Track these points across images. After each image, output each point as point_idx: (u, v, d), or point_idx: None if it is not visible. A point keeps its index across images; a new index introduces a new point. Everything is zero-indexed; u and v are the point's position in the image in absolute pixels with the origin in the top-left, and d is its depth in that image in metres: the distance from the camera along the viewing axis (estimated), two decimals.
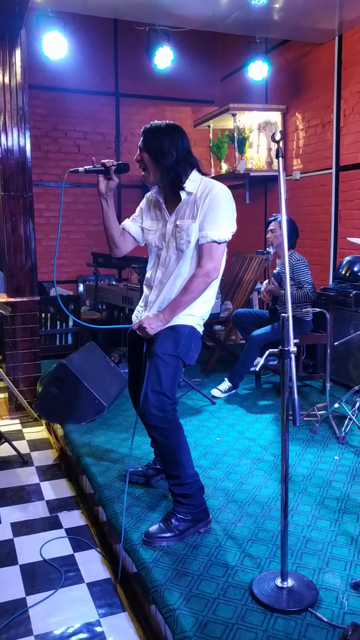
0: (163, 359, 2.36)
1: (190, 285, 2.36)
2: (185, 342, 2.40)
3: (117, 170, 2.41)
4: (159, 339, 2.40)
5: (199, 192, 2.36)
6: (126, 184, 7.05)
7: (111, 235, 2.53)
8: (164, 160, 2.33)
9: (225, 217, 2.35)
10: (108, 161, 2.39)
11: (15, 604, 2.25)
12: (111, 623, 2.14)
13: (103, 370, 4.08)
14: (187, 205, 2.38)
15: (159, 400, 2.34)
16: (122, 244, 2.57)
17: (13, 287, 4.33)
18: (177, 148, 2.34)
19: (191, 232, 2.35)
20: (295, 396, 1.89)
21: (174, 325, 2.40)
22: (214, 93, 7.91)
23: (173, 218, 2.42)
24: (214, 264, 2.35)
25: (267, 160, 6.63)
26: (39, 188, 6.98)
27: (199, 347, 2.49)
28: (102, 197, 2.44)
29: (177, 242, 2.39)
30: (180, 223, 2.38)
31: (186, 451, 2.44)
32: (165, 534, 2.34)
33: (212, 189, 2.34)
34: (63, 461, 3.56)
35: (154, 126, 2.37)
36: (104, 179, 2.41)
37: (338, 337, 4.18)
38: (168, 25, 5.58)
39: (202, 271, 2.35)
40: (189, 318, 2.42)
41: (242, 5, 4.74)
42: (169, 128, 2.36)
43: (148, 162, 2.36)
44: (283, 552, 2.02)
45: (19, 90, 4.18)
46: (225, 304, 5.24)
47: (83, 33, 6.55)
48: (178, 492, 2.42)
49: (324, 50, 5.69)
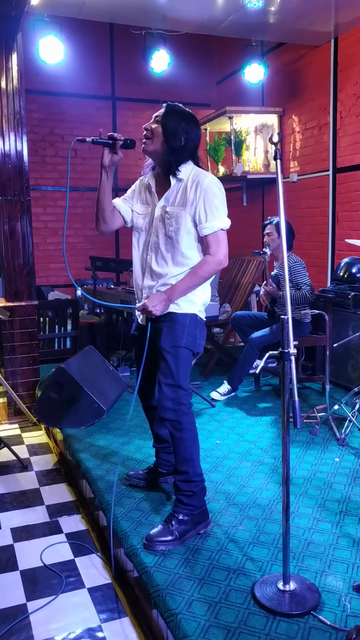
0: (171, 352, 2.38)
1: (201, 271, 2.38)
2: (189, 332, 2.41)
3: (123, 145, 2.41)
4: (163, 333, 2.41)
5: (190, 181, 2.37)
6: (123, 187, 7.05)
7: (102, 209, 2.53)
8: (172, 141, 2.36)
9: (223, 205, 2.39)
10: (116, 134, 2.40)
11: (15, 610, 2.23)
12: (113, 628, 2.12)
13: (102, 374, 4.07)
14: (177, 192, 2.40)
15: (174, 393, 2.37)
16: (111, 220, 2.57)
17: (11, 292, 4.32)
18: (189, 137, 2.39)
19: (181, 220, 2.36)
20: (296, 398, 1.89)
21: (173, 316, 2.40)
22: (211, 96, 7.93)
23: (162, 203, 2.43)
24: (224, 250, 2.39)
25: (264, 162, 6.64)
26: (36, 192, 6.98)
27: (204, 333, 2.52)
28: (104, 169, 2.45)
29: (165, 228, 2.40)
30: (170, 210, 2.39)
31: (197, 448, 2.47)
32: (165, 538, 2.34)
33: (203, 179, 2.36)
34: (63, 466, 3.55)
35: (180, 108, 2.43)
36: (109, 153, 2.42)
37: (337, 338, 4.17)
38: (164, 29, 5.59)
39: (214, 258, 2.37)
40: (190, 306, 2.43)
41: (238, 8, 4.75)
42: (191, 116, 2.43)
43: (157, 135, 2.39)
44: (285, 555, 2.01)
45: (16, 94, 4.19)
46: (223, 307, 5.24)
47: (79, 37, 6.56)
48: (184, 488, 2.42)
49: (320, 52, 5.71)
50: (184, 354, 2.41)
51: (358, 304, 4.27)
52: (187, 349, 2.42)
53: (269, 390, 4.57)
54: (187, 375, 2.44)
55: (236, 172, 6.41)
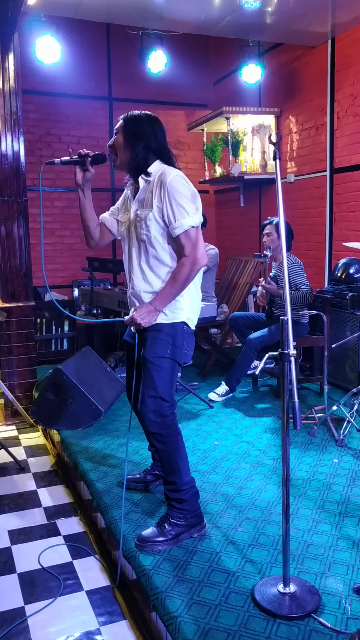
0: (155, 362, 2.34)
1: (179, 275, 2.30)
2: (175, 342, 2.36)
3: (93, 161, 2.42)
4: (148, 342, 2.37)
5: (155, 180, 2.33)
6: (120, 189, 7.04)
7: (87, 226, 2.55)
8: (134, 146, 2.35)
9: (189, 200, 2.29)
10: (83, 151, 2.41)
11: (13, 613, 2.21)
12: (111, 631, 2.11)
13: (99, 375, 4.06)
14: (145, 193, 2.37)
15: (157, 405, 2.33)
16: (97, 236, 2.58)
17: (8, 293, 4.30)
18: (149, 137, 2.36)
19: (150, 222, 2.31)
20: (296, 399, 1.88)
21: (159, 326, 2.35)
22: (208, 96, 7.92)
23: (135, 207, 2.41)
24: (199, 249, 2.31)
25: (262, 163, 6.64)
26: (33, 193, 6.93)
27: (192, 343, 2.45)
28: (79, 187, 2.47)
29: (137, 232, 2.37)
30: (140, 212, 2.36)
31: (184, 458, 2.43)
32: (157, 539, 2.33)
33: (166, 176, 2.29)
34: (60, 467, 3.53)
35: (134, 115, 2.41)
36: (81, 170, 2.43)
37: (334, 339, 4.17)
38: (161, 29, 5.58)
39: (189, 259, 2.29)
40: (177, 314, 2.37)
41: (235, 8, 4.74)
42: (148, 117, 2.41)
43: (119, 146, 2.39)
44: (285, 557, 2.00)
45: (13, 94, 4.17)
46: (221, 307, 5.23)
47: (76, 37, 6.54)
48: (173, 497, 2.42)
49: (317, 53, 5.70)
50: (167, 364, 2.35)
51: (356, 304, 4.26)
52: (172, 359, 2.37)
53: (267, 391, 4.56)
54: (170, 386, 2.38)
55: (233, 173, 6.40)
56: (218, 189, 8.00)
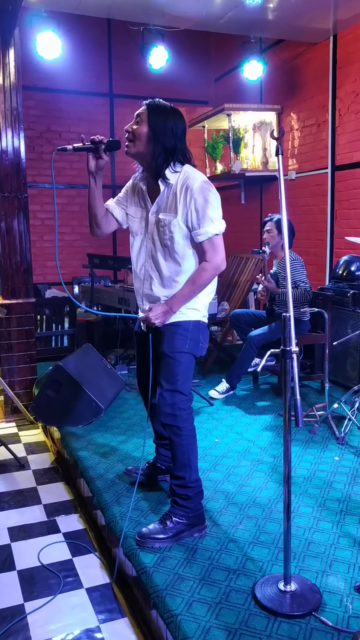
0: (174, 357, 2.37)
1: (200, 278, 2.33)
2: (192, 337, 2.40)
3: (107, 148, 2.31)
4: (166, 338, 2.38)
5: (179, 185, 2.29)
6: (120, 184, 7.03)
7: (94, 215, 2.47)
8: (160, 142, 2.27)
9: (216, 208, 2.31)
10: (97, 137, 2.31)
11: (13, 610, 2.21)
12: (111, 629, 2.10)
13: (100, 372, 4.05)
14: (167, 197, 2.33)
15: (174, 398, 2.36)
16: (104, 225, 2.52)
17: (8, 289, 4.29)
18: (173, 136, 2.29)
19: (174, 229, 2.30)
20: (298, 397, 1.86)
21: (178, 322, 2.38)
22: (209, 93, 7.90)
23: (155, 209, 2.37)
24: (221, 255, 2.34)
25: (263, 160, 6.62)
26: (33, 189, 6.94)
27: (207, 337, 2.49)
28: (92, 175, 2.38)
29: (160, 236, 2.35)
30: (163, 217, 2.33)
31: (195, 454, 2.45)
32: (158, 535, 2.33)
33: (192, 183, 2.26)
34: (60, 464, 3.52)
35: (163, 104, 2.33)
36: (94, 158, 2.33)
37: (336, 337, 4.16)
38: (162, 25, 5.56)
39: (211, 265, 2.32)
40: (193, 313, 2.41)
41: (237, 4, 4.72)
42: (175, 110, 2.34)
43: (140, 136, 2.29)
44: (286, 556, 1.99)
45: (13, 90, 4.15)
46: (222, 305, 5.21)
47: (77, 33, 6.52)
48: (179, 493, 2.41)
49: (319, 49, 5.68)
50: (186, 359, 2.39)
51: (357, 302, 4.25)
52: (190, 354, 2.40)
53: (268, 389, 4.55)
54: (188, 380, 2.41)
55: (234, 170, 6.39)
56: (219, 186, 7.90)
